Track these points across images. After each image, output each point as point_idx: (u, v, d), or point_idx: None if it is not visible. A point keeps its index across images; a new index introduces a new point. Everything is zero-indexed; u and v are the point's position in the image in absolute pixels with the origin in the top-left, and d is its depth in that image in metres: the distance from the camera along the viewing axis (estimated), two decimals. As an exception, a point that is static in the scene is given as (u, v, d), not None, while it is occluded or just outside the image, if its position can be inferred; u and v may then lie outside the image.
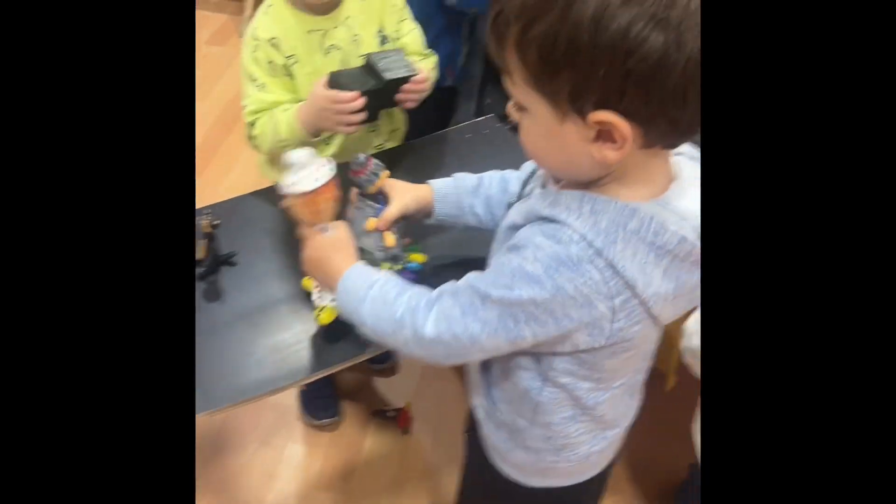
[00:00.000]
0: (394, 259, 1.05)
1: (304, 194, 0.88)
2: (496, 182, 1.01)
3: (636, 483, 1.66)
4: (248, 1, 3.10)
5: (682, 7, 0.58)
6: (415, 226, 1.07)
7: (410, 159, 1.41)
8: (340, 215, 0.96)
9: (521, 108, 0.70)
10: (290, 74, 1.28)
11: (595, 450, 0.90)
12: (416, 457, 1.68)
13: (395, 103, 1.28)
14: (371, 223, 1.00)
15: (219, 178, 2.39)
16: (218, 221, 1.08)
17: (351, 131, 1.24)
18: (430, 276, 1.06)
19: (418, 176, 1.37)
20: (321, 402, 1.73)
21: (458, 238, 1.14)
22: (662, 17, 0.58)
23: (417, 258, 1.10)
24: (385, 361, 1.84)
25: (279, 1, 1.26)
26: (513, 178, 0.99)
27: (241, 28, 3.16)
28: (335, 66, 1.29)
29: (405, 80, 1.24)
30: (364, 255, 0.96)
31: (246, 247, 1.17)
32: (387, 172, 1.02)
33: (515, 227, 0.75)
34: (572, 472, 0.93)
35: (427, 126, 1.50)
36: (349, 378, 1.83)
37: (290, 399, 1.78)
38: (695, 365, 1.10)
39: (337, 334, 1.04)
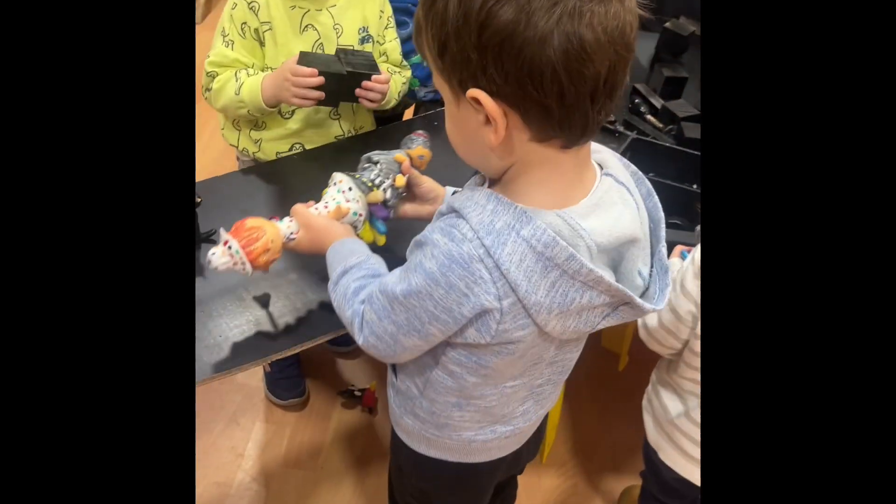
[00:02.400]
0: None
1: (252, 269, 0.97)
2: None
3: (583, 459, 1.74)
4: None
5: None
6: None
7: (379, 145, 1.45)
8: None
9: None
10: (260, 40, 1.33)
11: (479, 438, 0.94)
12: (381, 435, 1.73)
13: (355, 98, 1.34)
14: (399, 179, 1.06)
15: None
16: (199, 199, 1.11)
17: (304, 104, 1.30)
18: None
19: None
20: (287, 382, 1.76)
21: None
22: None
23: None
24: (350, 344, 1.88)
25: None
26: None
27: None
28: (307, 45, 1.35)
29: (366, 76, 1.31)
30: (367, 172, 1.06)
31: (225, 224, 1.20)
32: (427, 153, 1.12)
33: (441, 215, 0.77)
34: (455, 450, 0.97)
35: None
36: (316, 360, 1.86)
37: (256, 380, 1.81)
38: (650, 341, 1.16)
39: (319, 308, 1.08)
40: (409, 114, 1.88)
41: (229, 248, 0.95)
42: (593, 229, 0.70)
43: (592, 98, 0.65)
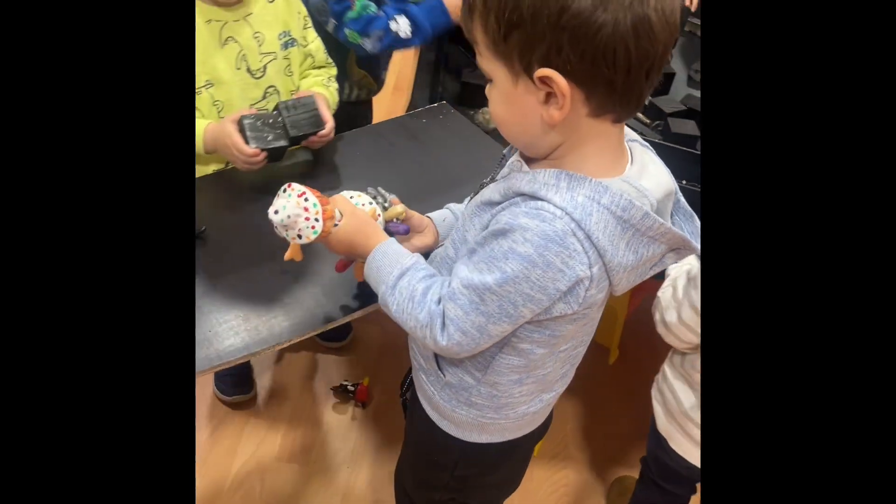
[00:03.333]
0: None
1: (311, 242, 0.92)
2: None
3: (574, 450, 1.76)
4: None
5: None
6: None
7: (370, 144, 1.47)
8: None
9: (489, 81, 0.77)
10: None
11: (531, 410, 0.98)
12: (374, 429, 1.75)
13: (299, 144, 1.34)
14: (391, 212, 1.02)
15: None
16: (190, 198, 1.12)
17: (254, 170, 1.29)
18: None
19: (379, 160, 1.44)
20: (233, 378, 1.76)
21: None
22: None
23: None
24: (342, 339, 1.90)
25: None
26: None
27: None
28: (231, 58, 1.31)
29: (311, 134, 1.30)
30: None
31: (212, 224, 1.22)
32: (397, 209, 1.03)
33: (492, 204, 0.81)
34: (507, 429, 1.01)
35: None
36: (308, 355, 1.88)
37: (250, 377, 1.83)
38: (668, 336, 1.17)
39: (308, 302, 1.10)
40: (396, 107, 1.88)
41: (306, 199, 0.90)
42: (649, 188, 0.78)
43: (648, 74, 0.71)
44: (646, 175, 0.79)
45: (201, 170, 1.39)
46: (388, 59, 1.83)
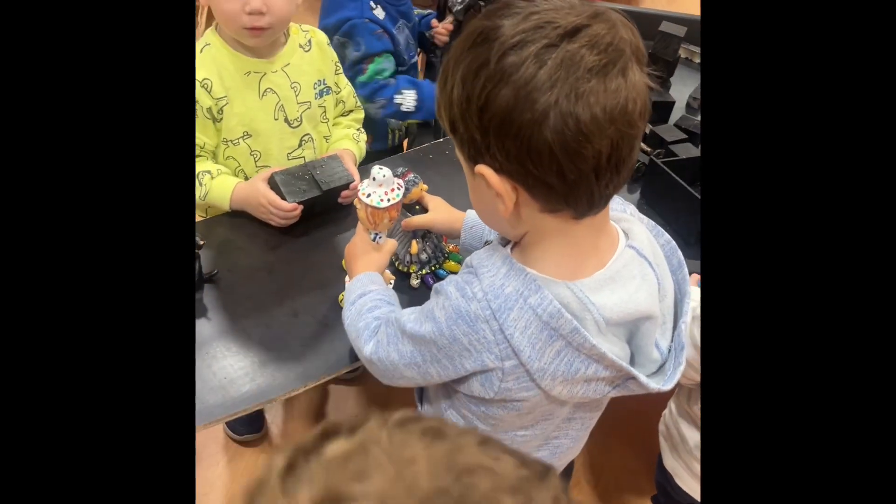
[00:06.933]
0: (421, 264, 1.21)
1: (373, 207, 0.99)
2: None
3: (597, 486, 1.76)
4: (200, 18, 3.11)
5: (529, 70, 0.63)
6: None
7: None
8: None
9: None
10: (214, 118, 1.29)
11: None
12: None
13: (331, 207, 1.35)
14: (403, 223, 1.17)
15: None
16: (203, 242, 1.13)
17: (286, 225, 1.29)
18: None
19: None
20: (244, 417, 1.69)
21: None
22: (509, 78, 0.63)
23: (452, 267, 1.22)
24: (353, 371, 1.89)
25: (216, 41, 1.28)
26: None
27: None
28: (269, 109, 1.33)
29: (344, 187, 1.31)
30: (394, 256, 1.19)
31: (223, 265, 1.23)
32: (424, 186, 1.18)
33: (465, 266, 0.80)
34: None
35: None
36: (318, 389, 1.88)
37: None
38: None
39: (322, 346, 1.11)
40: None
41: (400, 186, 1.03)
42: (603, 304, 0.72)
43: (597, 174, 0.66)
44: (612, 288, 0.73)
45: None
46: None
